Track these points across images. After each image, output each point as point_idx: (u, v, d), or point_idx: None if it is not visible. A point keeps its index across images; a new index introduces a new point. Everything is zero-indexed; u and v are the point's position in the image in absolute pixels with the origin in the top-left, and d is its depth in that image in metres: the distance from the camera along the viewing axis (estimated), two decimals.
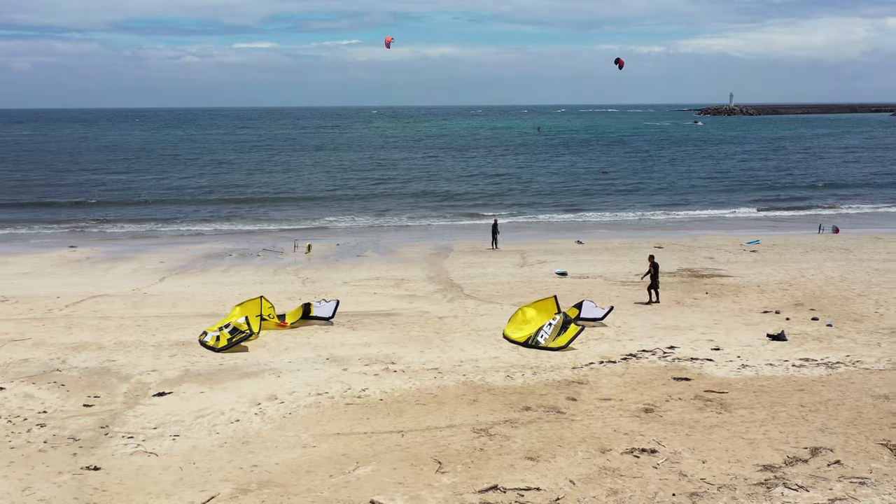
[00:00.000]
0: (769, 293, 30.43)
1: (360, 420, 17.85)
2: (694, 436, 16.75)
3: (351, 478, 14.91)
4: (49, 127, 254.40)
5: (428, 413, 18.24)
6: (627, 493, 14.16)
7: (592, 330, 25.34)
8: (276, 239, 47.99)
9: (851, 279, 32.98)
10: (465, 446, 16.31)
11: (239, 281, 34.13)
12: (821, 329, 25.26)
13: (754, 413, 18.03)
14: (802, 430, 16.99)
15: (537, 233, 51.23)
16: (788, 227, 52.28)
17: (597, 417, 17.85)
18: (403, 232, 52.30)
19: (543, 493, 14.19)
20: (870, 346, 23.33)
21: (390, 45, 52.16)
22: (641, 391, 19.53)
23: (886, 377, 20.42)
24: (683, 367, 21.37)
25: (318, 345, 23.87)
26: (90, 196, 70.19)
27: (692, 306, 28.60)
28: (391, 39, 52.29)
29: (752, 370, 21.13)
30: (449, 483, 14.65)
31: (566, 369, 21.33)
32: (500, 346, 23.72)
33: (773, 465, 15.22)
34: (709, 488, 14.31)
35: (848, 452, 15.79)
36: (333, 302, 26.53)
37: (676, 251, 41.07)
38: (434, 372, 21.19)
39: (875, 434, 16.69)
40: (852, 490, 14.16)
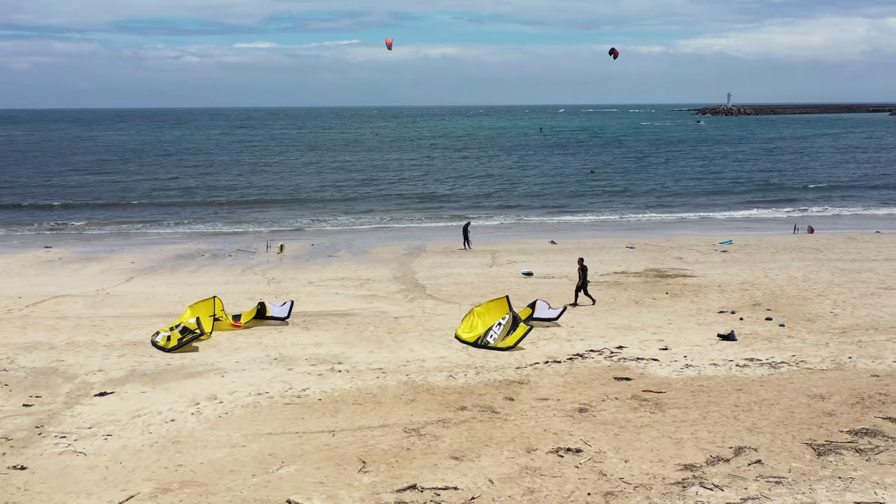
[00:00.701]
0: (729, 293, 30.50)
1: (295, 420, 17.91)
2: (622, 435, 16.81)
3: (273, 477, 14.97)
4: (43, 127, 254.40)
5: (363, 413, 18.31)
6: (543, 493, 14.22)
7: (545, 330, 25.42)
8: (254, 240, 48.11)
9: (814, 279, 33.06)
10: (393, 446, 16.37)
11: (205, 281, 34.21)
12: (773, 329, 25.33)
13: (687, 413, 18.10)
14: (731, 429, 17.06)
15: (515, 233, 51.33)
16: (765, 228, 52.35)
17: (530, 417, 17.92)
18: (381, 233, 52.41)
19: (460, 493, 14.25)
20: (818, 346, 23.40)
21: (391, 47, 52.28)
22: (580, 391, 19.60)
23: (827, 377, 20.49)
24: (627, 367, 21.44)
25: (268, 345, 23.95)
26: (75, 198, 70.23)
27: (650, 306, 28.67)
28: (391, 41, 52.41)
29: (694, 370, 21.20)
30: (369, 482, 14.71)
31: (510, 369, 21.40)
32: (450, 346, 23.79)
33: (694, 465, 15.29)
34: (625, 488, 14.38)
35: (771, 452, 15.85)
36: (289, 302, 26.61)
37: (648, 251, 41.15)
38: (378, 372, 21.26)
39: (803, 434, 16.76)
40: (767, 489, 14.23)
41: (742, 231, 50.39)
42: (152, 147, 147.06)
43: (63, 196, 71.83)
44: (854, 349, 22.99)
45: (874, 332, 24.86)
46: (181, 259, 40.62)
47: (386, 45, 52.43)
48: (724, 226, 54.18)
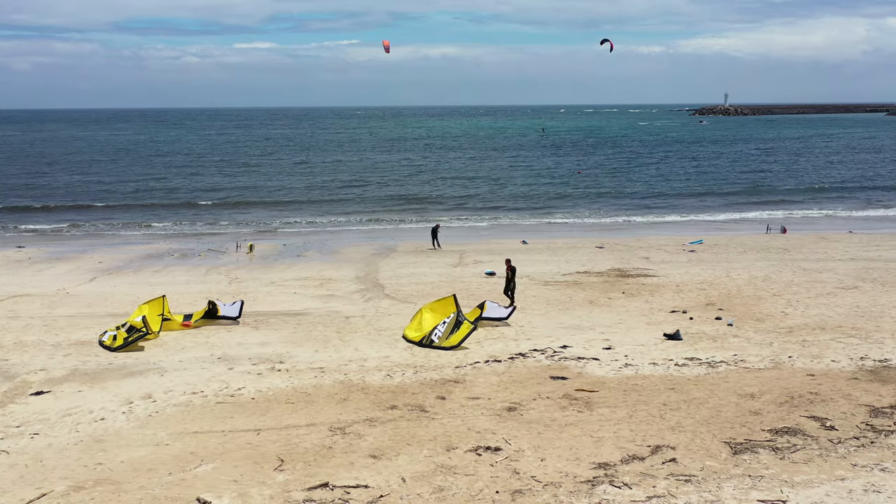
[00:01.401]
0: (686, 293, 30.59)
1: (223, 419, 17.99)
2: (545, 434, 16.89)
3: (188, 475, 15.05)
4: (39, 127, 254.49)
5: (293, 412, 18.39)
6: (452, 491, 14.30)
7: (494, 329, 25.51)
8: (229, 240, 47.90)
9: (775, 279, 33.14)
10: (315, 444, 16.46)
11: (168, 281, 34.29)
12: (720, 329, 25.42)
13: (615, 411, 18.18)
14: (654, 428, 17.14)
15: (490, 234, 51.46)
16: (740, 228, 52.41)
17: (458, 416, 18.00)
18: (358, 233, 52.47)
19: (370, 491, 14.33)
20: (761, 345, 23.48)
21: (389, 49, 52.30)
22: (513, 390, 19.68)
23: (762, 376, 20.58)
24: (566, 367, 21.53)
25: (215, 344, 24.03)
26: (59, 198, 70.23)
27: (604, 306, 28.75)
28: (388, 43, 52.44)
29: (632, 370, 21.28)
30: (282, 480, 14.79)
31: (449, 368, 21.48)
32: (395, 345, 23.88)
33: (609, 463, 15.37)
34: (535, 486, 14.46)
35: (689, 451, 15.93)
36: (239, 301, 26.72)
37: (616, 251, 41.24)
38: (317, 371, 21.35)
39: (724, 432, 16.84)
40: (675, 488, 14.31)
41: (716, 231, 50.46)
42: (145, 147, 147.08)
43: (47, 196, 71.84)
44: (797, 349, 23.08)
45: (820, 331, 24.95)
46: (149, 259, 40.70)
47: (383, 46, 52.44)
48: (701, 227, 54.20)
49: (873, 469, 14.96)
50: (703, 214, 60.32)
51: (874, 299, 29.17)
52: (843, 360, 21.93)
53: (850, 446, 16.05)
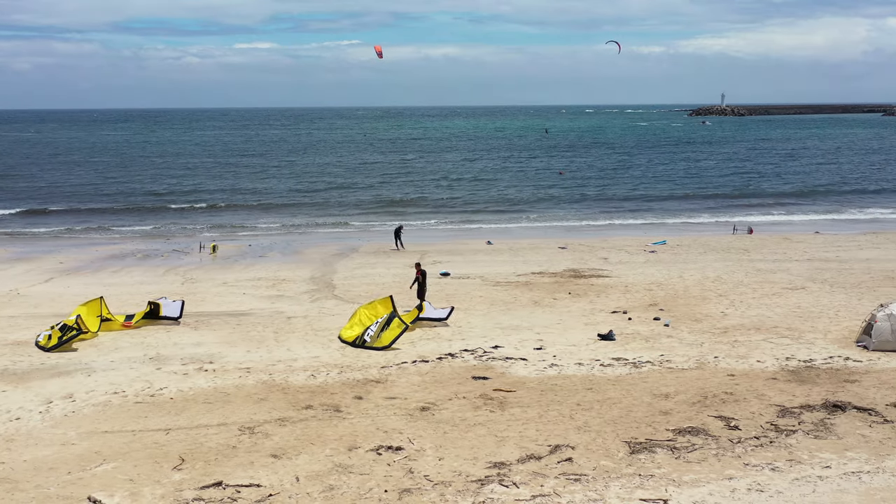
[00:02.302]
0: (633, 293, 30.72)
1: (137, 418, 18.13)
2: (451, 434, 17.04)
3: (87, 475, 15.19)
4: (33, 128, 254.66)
5: (208, 412, 18.53)
6: (342, 490, 14.45)
7: (431, 329, 25.67)
8: (198, 241, 47.54)
9: (726, 279, 33.27)
10: (221, 444, 16.60)
11: (123, 282, 34.43)
12: (656, 329, 25.56)
13: (526, 411, 18.32)
14: (560, 428, 17.29)
15: (460, 235, 51.54)
16: (708, 229, 52.52)
17: (370, 416, 18.14)
18: (326, 234, 52.48)
19: (261, 490, 14.48)
20: (692, 345, 23.62)
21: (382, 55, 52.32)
22: (431, 390, 19.83)
23: (683, 376, 20.73)
24: (491, 367, 21.66)
25: (150, 344, 24.17)
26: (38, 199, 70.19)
27: (547, 306, 28.89)
28: (381, 49, 52.46)
29: (557, 370, 21.42)
30: (178, 479, 14.93)
31: (374, 369, 21.62)
32: (329, 346, 24.02)
33: (505, 463, 15.51)
34: (425, 485, 14.60)
35: (588, 450, 16.09)
36: (179, 301, 26.87)
37: (577, 251, 41.36)
38: (243, 371, 21.49)
39: (628, 432, 16.99)
40: (562, 487, 14.46)
41: (687, 232, 50.57)
42: (134, 149, 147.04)
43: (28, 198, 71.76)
44: (726, 349, 23.22)
45: (755, 331, 25.09)
46: (111, 259, 40.83)
47: (377, 53, 52.45)
48: (673, 228, 54.25)
49: (764, 469, 15.11)
50: (681, 216, 59.89)
51: (818, 300, 29.31)
52: (769, 360, 22.08)
53: (749, 446, 16.20)
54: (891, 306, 23.27)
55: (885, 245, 42.46)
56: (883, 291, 30.56)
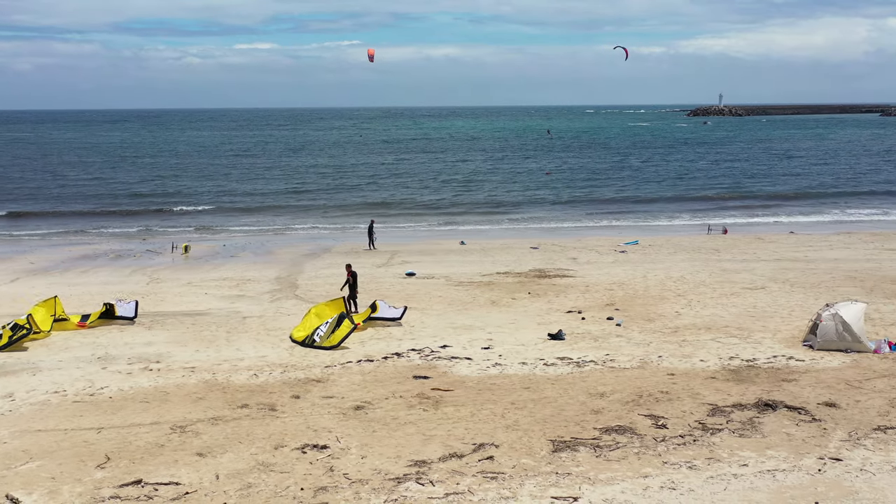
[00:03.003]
0: (592, 293, 30.81)
1: (72, 417, 18.24)
2: (380, 432, 17.15)
3: (10, 473, 15.29)
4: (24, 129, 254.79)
5: (144, 410, 18.63)
6: (259, 488, 14.55)
7: (383, 329, 25.77)
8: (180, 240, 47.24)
9: (689, 279, 33.36)
10: (150, 443, 16.70)
11: (89, 282, 34.54)
12: (608, 329, 25.66)
13: (459, 410, 18.43)
14: (489, 426, 17.39)
15: (432, 235, 51.64)
16: (683, 230, 52.58)
17: (303, 415, 18.25)
18: (303, 235, 52.46)
19: (178, 488, 14.59)
20: (639, 345, 23.72)
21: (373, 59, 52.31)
22: (370, 389, 19.93)
23: (623, 375, 20.83)
24: (434, 366, 21.77)
25: (101, 344, 24.28)
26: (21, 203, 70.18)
27: (505, 306, 28.99)
28: (374, 52, 52.42)
29: (500, 369, 21.52)
30: (99, 478, 15.04)
31: (318, 368, 21.73)
32: (279, 345, 24.12)
33: (426, 461, 15.62)
34: (342, 483, 14.71)
35: (511, 448, 16.19)
36: (133, 302, 27.02)
37: (548, 252, 41.45)
38: (188, 371, 21.60)
39: (556, 430, 17.10)
40: (477, 485, 14.56)
41: (661, 233, 50.65)
42: (125, 149, 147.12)
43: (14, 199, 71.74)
44: (672, 348, 23.32)
45: (706, 331, 25.19)
46: (83, 259, 40.92)
47: (368, 56, 52.41)
48: (651, 230, 54.29)
49: (681, 467, 15.21)
50: (661, 218, 59.46)
51: (775, 300, 29.40)
52: (712, 359, 22.18)
53: (672, 444, 16.30)
54: (836, 306, 23.37)
55: (856, 245, 42.56)
56: (841, 291, 30.66)
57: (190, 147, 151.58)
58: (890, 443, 16.28)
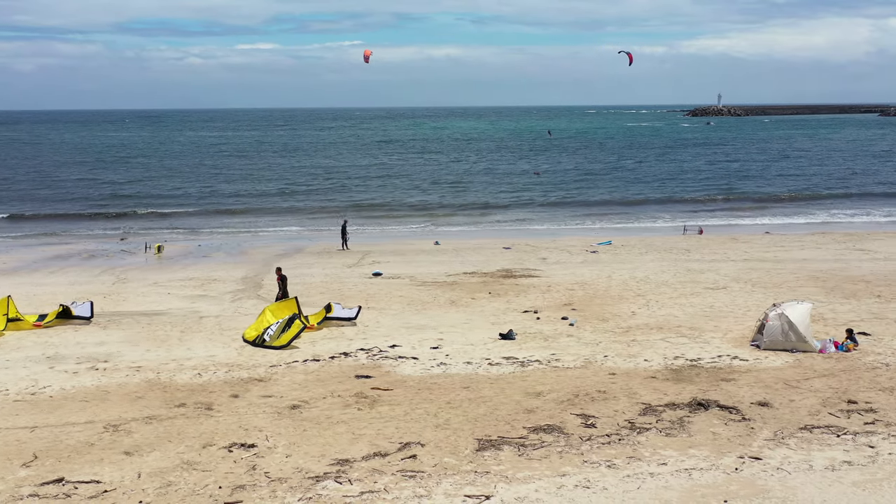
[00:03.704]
0: (553, 293, 30.91)
1: (9, 417, 18.36)
2: (310, 431, 17.27)
3: None
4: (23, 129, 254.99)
5: (81, 409, 18.75)
6: (178, 486, 14.68)
7: (336, 329, 25.88)
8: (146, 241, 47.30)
9: (653, 279, 33.45)
10: (81, 441, 16.82)
11: (55, 282, 34.64)
12: (560, 328, 25.77)
13: (394, 409, 18.54)
14: (419, 426, 17.50)
15: (407, 235, 51.76)
16: (662, 231, 52.64)
17: (238, 414, 18.37)
18: (281, 235, 52.47)
19: (98, 486, 14.73)
20: (588, 345, 23.82)
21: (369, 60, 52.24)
22: (310, 388, 20.05)
23: (564, 375, 20.95)
24: (379, 366, 21.88)
25: (54, 344, 24.39)
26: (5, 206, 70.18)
27: (463, 306, 29.09)
28: (370, 53, 52.30)
29: (443, 368, 21.64)
30: (22, 476, 15.16)
31: (263, 367, 21.84)
32: (230, 345, 24.23)
33: (350, 460, 15.73)
34: (261, 482, 14.84)
35: (436, 447, 16.31)
36: (88, 303, 27.16)
37: (519, 252, 41.52)
38: (133, 370, 21.72)
39: (485, 430, 17.21)
40: (394, 484, 14.68)
41: (640, 233, 50.73)
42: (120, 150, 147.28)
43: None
44: (620, 348, 23.42)
45: (657, 331, 25.29)
46: (55, 259, 41.03)
47: (364, 57, 52.30)
48: (628, 230, 54.32)
49: (601, 465, 15.32)
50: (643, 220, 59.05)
51: (734, 300, 29.49)
52: (657, 359, 22.28)
53: (597, 443, 16.41)
54: (783, 306, 23.47)
55: (827, 245, 42.62)
56: (801, 291, 30.75)
57: (185, 147, 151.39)
58: (813, 442, 16.38)
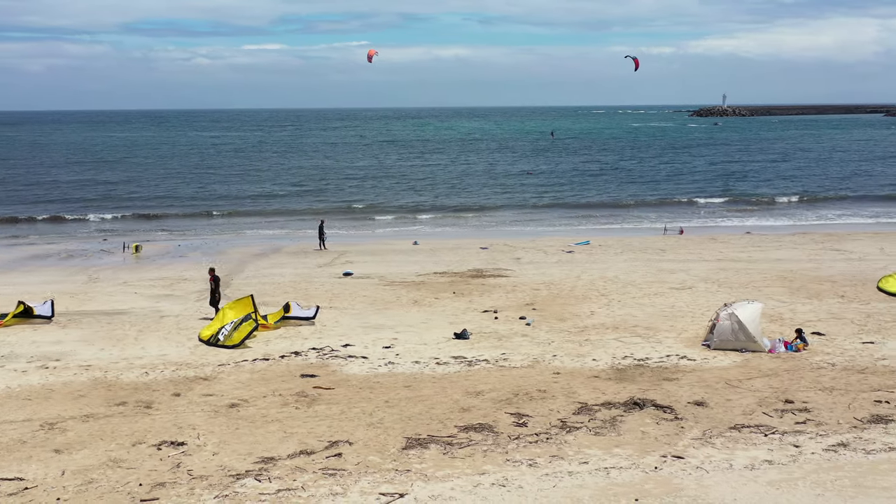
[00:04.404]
0: (518, 293, 30.98)
1: None
2: (243, 430, 17.37)
3: None
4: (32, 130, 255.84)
5: (21, 408, 18.90)
6: (99, 484, 14.80)
7: (294, 329, 26.02)
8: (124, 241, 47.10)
9: (622, 279, 33.49)
10: (14, 439, 16.96)
11: (27, 281, 34.84)
12: (516, 328, 25.84)
13: (330, 408, 18.64)
14: (352, 424, 17.60)
15: (387, 235, 51.84)
16: (644, 231, 52.63)
17: (176, 412, 18.48)
18: (263, 236, 52.53)
19: (20, 483, 14.85)
20: (539, 344, 23.88)
21: (372, 59, 52.27)
22: (253, 387, 20.16)
23: (508, 374, 21.03)
24: (327, 365, 22.00)
25: (9, 343, 24.57)
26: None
27: (425, 306, 29.18)
28: (374, 53, 52.27)
29: (390, 368, 21.73)
30: None
31: (211, 367, 21.96)
32: (184, 344, 24.36)
33: (275, 458, 15.83)
34: (182, 479, 14.95)
35: (364, 446, 16.40)
36: (49, 301, 27.33)
37: (495, 252, 41.57)
38: (83, 369, 21.87)
39: (417, 428, 17.31)
40: (313, 482, 14.78)
41: (615, 234, 50.76)
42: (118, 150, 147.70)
43: None
44: (571, 347, 23.49)
45: (612, 331, 25.34)
46: (32, 259, 41.24)
47: (368, 56, 52.28)
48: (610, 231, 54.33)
49: (521, 464, 15.39)
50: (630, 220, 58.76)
51: (696, 300, 29.52)
52: (605, 358, 22.33)
53: (524, 442, 16.48)
54: (734, 306, 23.50)
55: (805, 245, 42.59)
56: (767, 291, 30.79)
57: (186, 148, 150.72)
58: (739, 441, 16.42)
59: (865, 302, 28.99)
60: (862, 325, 25.67)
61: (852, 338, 24.26)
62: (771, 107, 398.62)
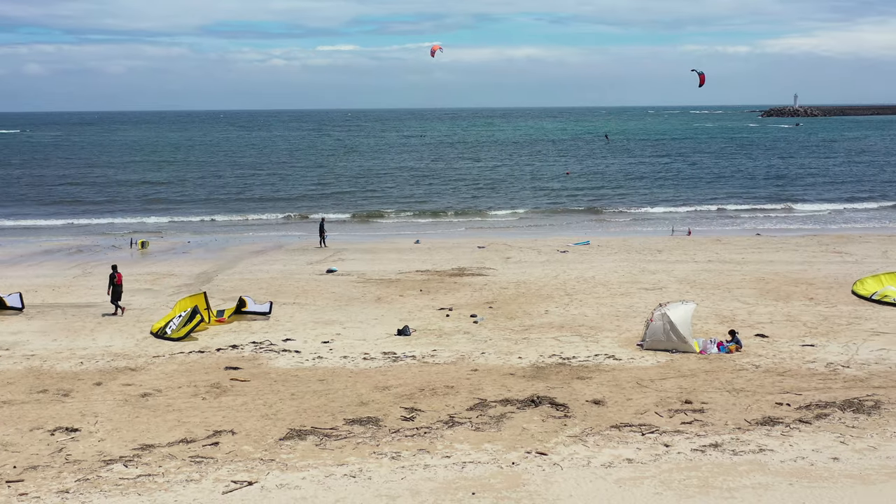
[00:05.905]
0: (484, 291, 31.15)
1: None
2: (140, 418, 18.02)
3: None
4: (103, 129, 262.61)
5: None
6: None
7: (248, 323, 26.71)
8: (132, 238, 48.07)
9: (598, 279, 33.39)
10: None
11: (28, 275, 36.17)
12: (462, 325, 26.10)
13: (236, 400, 19.18)
14: (245, 415, 18.12)
15: (391, 234, 52.23)
16: (652, 232, 52.14)
17: (89, 401, 19.22)
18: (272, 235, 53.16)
19: None
20: (477, 342, 24.08)
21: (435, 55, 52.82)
22: (173, 378, 20.82)
23: (427, 370, 21.33)
24: (257, 358, 22.56)
25: None
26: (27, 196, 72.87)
27: (386, 303, 29.57)
28: (437, 48, 52.69)
29: (316, 362, 22.21)
30: None
31: (145, 358, 22.70)
32: (134, 336, 25.18)
33: (154, 445, 16.44)
34: (56, 463, 15.60)
35: (245, 436, 16.92)
36: (17, 294, 28.45)
37: (490, 251, 41.70)
38: (25, 358, 22.87)
39: (305, 420, 17.75)
40: (176, 468, 15.36)
41: (623, 235, 50.40)
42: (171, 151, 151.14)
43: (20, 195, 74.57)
44: (504, 345, 23.66)
45: (556, 330, 25.40)
46: (44, 254, 42.70)
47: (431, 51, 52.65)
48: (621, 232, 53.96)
49: (384, 457, 15.72)
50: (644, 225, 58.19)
51: (658, 300, 29.08)
52: (531, 356, 22.47)
53: (401, 436, 16.81)
54: (667, 306, 23.37)
55: (807, 247, 41.77)
56: (737, 292, 30.45)
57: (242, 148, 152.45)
58: (613, 440, 16.45)
59: (832, 305, 28.43)
60: (812, 328, 25.24)
61: (795, 340, 23.90)
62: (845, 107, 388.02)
